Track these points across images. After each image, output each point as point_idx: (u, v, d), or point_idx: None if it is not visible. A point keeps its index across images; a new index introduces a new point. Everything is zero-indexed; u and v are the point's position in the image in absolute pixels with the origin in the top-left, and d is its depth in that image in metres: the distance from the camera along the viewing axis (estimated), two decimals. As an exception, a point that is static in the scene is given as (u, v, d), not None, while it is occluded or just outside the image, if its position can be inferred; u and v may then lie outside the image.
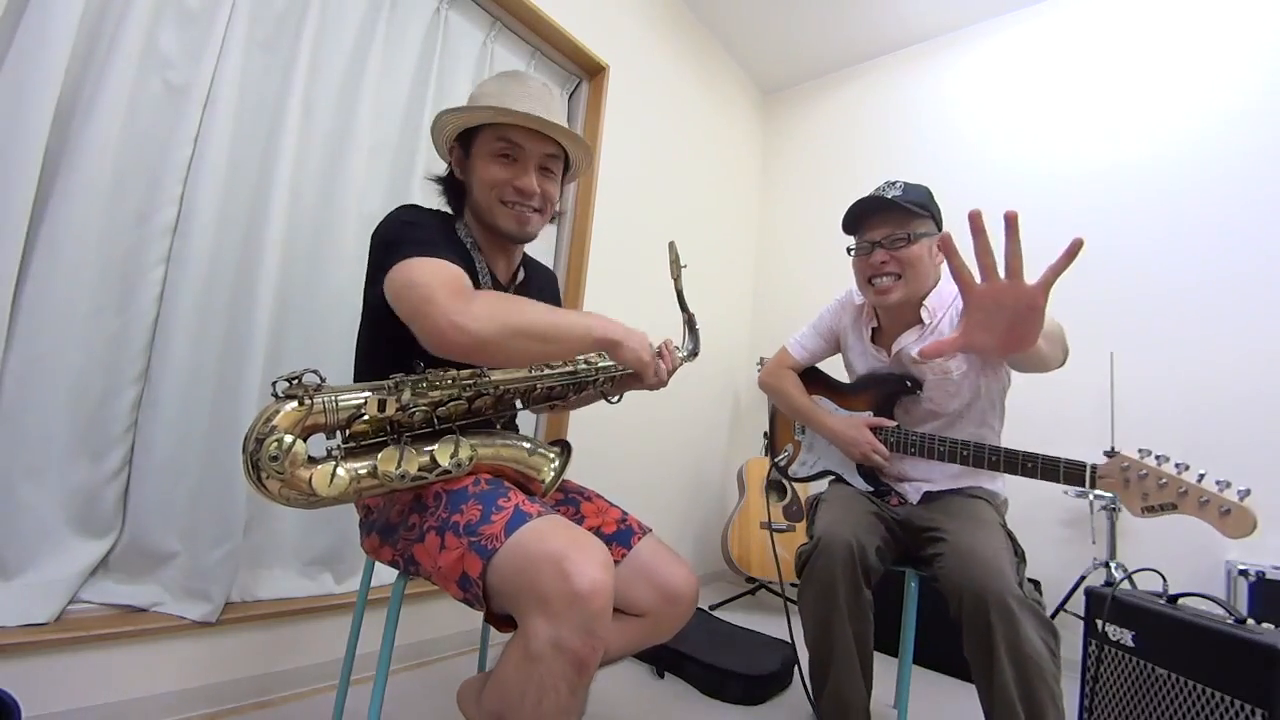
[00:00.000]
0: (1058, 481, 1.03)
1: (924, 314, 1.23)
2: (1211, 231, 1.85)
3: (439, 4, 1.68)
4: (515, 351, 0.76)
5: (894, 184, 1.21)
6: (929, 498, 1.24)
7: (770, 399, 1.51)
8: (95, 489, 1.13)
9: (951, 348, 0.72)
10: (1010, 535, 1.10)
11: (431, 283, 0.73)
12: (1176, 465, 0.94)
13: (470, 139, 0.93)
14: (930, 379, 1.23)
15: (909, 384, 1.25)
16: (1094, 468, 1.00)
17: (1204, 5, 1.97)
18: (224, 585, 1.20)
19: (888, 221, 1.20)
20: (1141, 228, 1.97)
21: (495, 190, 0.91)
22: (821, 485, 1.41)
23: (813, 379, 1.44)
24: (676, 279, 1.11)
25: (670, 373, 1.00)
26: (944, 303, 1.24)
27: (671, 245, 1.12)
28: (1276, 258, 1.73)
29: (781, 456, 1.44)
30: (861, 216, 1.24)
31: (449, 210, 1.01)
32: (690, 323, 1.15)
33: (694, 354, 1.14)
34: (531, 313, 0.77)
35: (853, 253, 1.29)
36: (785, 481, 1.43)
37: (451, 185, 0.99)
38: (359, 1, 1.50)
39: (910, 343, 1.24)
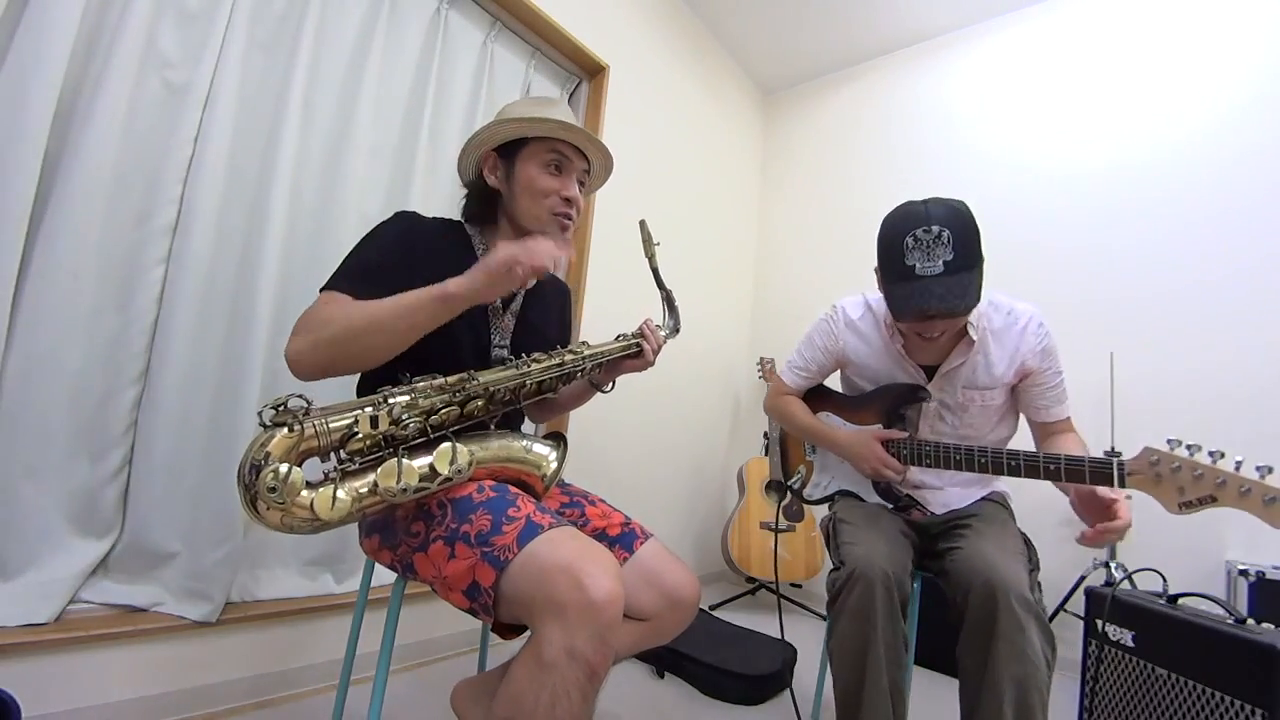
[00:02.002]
0: (1083, 483, 0.95)
1: (970, 330, 1.14)
2: (1211, 231, 1.85)
3: (439, 4, 1.68)
4: (341, 357, 0.77)
5: (939, 240, 0.99)
6: (952, 513, 1.21)
7: (779, 423, 1.49)
8: (95, 489, 1.13)
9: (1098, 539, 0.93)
10: (1028, 542, 1.08)
11: (299, 320, 0.79)
12: (1210, 454, 0.86)
13: (514, 151, 0.97)
14: (976, 407, 1.18)
15: (918, 392, 1.18)
16: (1122, 464, 0.92)
17: (1202, 7, 1.97)
18: (224, 585, 1.20)
19: (947, 322, 1.07)
20: (1141, 227, 1.97)
21: (548, 200, 0.95)
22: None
23: (819, 396, 1.40)
24: (651, 257, 1.11)
25: (655, 352, 1.04)
26: (982, 318, 1.16)
27: (642, 224, 1.13)
28: (1276, 257, 1.73)
29: (795, 480, 1.40)
30: (920, 312, 1.04)
31: (456, 218, 1.02)
32: (669, 300, 1.15)
33: (675, 331, 1.14)
34: (349, 317, 0.77)
35: (899, 323, 1.16)
36: (800, 503, 1.39)
37: (485, 193, 1.00)
38: (359, 1, 1.50)
39: (959, 363, 1.16)
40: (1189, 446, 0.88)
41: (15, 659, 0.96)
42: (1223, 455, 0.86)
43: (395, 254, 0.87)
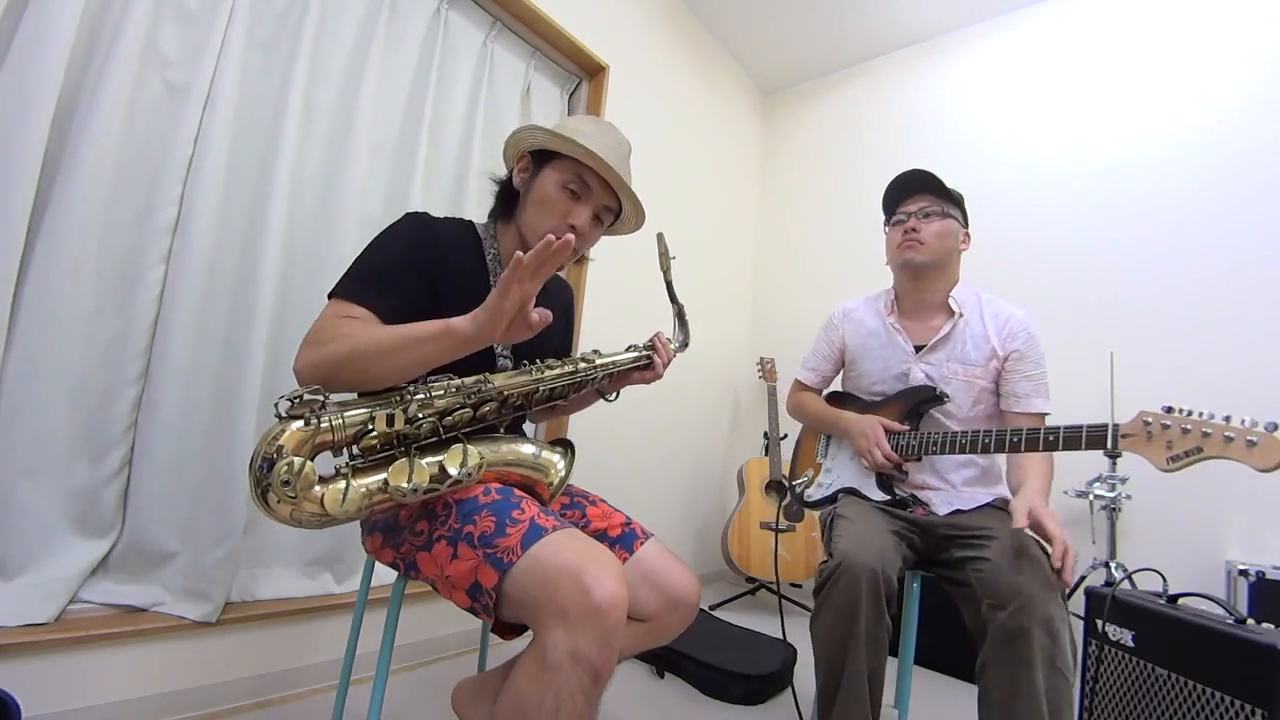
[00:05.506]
0: (1080, 449, 1.02)
1: (953, 304, 1.29)
2: (1211, 229, 1.85)
3: (439, 4, 1.69)
4: (345, 376, 0.75)
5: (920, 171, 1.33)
6: (958, 514, 1.22)
7: (798, 421, 1.51)
8: (95, 489, 1.13)
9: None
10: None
11: (310, 330, 0.79)
12: (1201, 414, 0.92)
13: (545, 160, 0.96)
14: (959, 380, 1.25)
15: (938, 393, 1.23)
16: (1117, 427, 0.98)
17: (1202, 6, 1.97)
18: (224, 585, 1.20)
19: (925, 196, 1.31)
20: (1141, 226, 1.97)
21: (552, 221, 0.93)
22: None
23: (840, 401, 1.43)
24: (666, 271, 1.12)
25: (665, 365, 1.05)
26: (968, 299, 1.31)
27: (660, 237, 1.13)
28: (1276, 256, 1.73)
29: (800, 481, 1.41)
30: (902, 192, 1.34)
31: (467, 218, 1.02)
32: (680, 314, 1.16)
33: (685, 345, 1.16)
34: (359, 339, 0.75)
35: (889, 226, 1.37)
36: (802, 506, 1.39)
37: (508, 192, 1.01)
38: (359, 1, 1.50)
39: (946, 332, 1.27)
40: (1183, 410, 0.94)
41: (15, 659, 0.97)
42: (1213, 416, 0.91)
43: (402, 259, 0.86)
